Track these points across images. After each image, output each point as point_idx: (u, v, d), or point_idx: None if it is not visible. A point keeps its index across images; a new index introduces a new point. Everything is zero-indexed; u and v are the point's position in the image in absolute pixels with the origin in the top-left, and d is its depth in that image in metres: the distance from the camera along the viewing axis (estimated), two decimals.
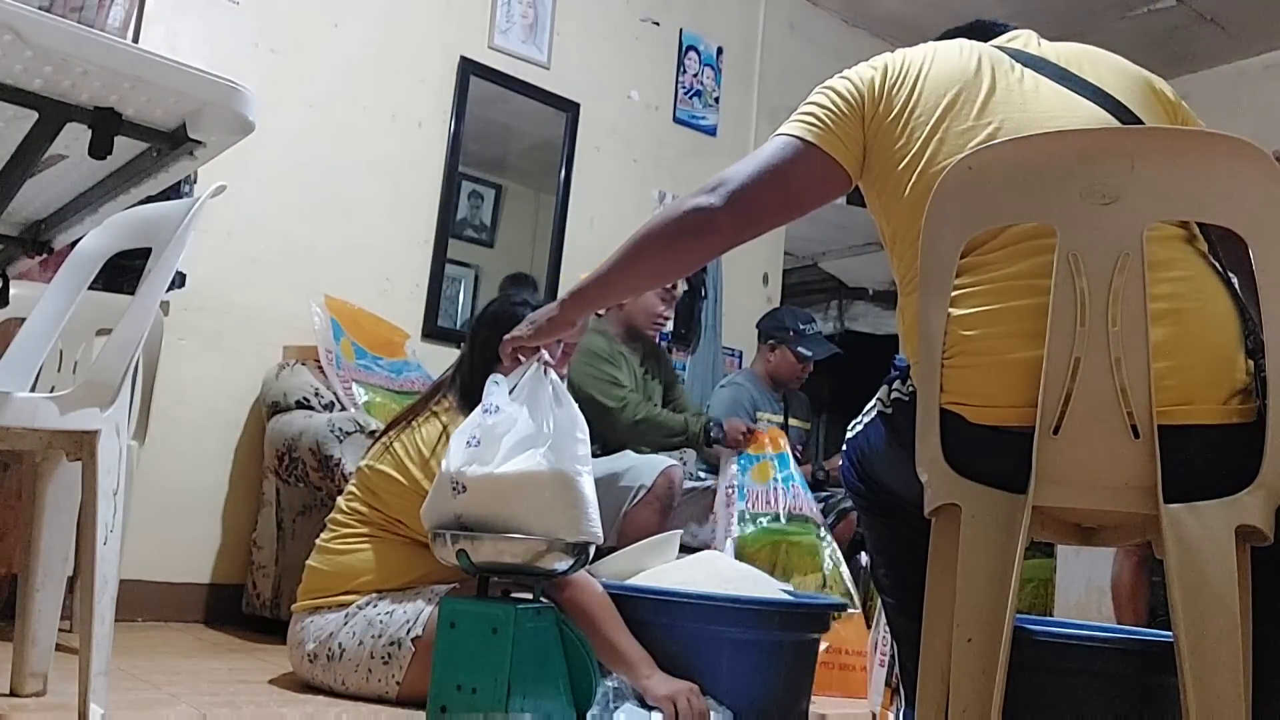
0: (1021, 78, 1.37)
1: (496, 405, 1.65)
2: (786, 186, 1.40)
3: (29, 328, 1.80)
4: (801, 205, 1.43)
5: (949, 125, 1.34)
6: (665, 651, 1.94)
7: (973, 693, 1.15)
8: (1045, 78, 1.37)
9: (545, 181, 3.96)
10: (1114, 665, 1.56)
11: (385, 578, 2.08)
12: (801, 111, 1.43)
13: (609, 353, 3.14)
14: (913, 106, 1.37)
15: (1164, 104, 1.40)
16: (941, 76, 1.38)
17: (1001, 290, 1.23)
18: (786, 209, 1.43)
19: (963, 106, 1.34)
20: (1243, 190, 1.15)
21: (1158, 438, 1.14)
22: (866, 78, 1.42)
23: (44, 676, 1.79)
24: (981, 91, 1.35)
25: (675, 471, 2.93)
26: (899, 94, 1.39)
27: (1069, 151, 1.19)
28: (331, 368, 2.99)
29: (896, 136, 1.37)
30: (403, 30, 3.55)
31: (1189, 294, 1.19)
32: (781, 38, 4.59)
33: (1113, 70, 1.40)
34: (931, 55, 1.42)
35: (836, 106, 1.40)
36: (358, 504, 2.15)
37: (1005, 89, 1.35)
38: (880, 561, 1.60)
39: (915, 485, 1.27)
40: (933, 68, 1.39)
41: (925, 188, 1.29)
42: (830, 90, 1.43)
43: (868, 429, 1.49)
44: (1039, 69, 1.38)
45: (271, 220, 3.23)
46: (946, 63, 1.40)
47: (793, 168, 1.39)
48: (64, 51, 1.05)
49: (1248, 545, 1.13)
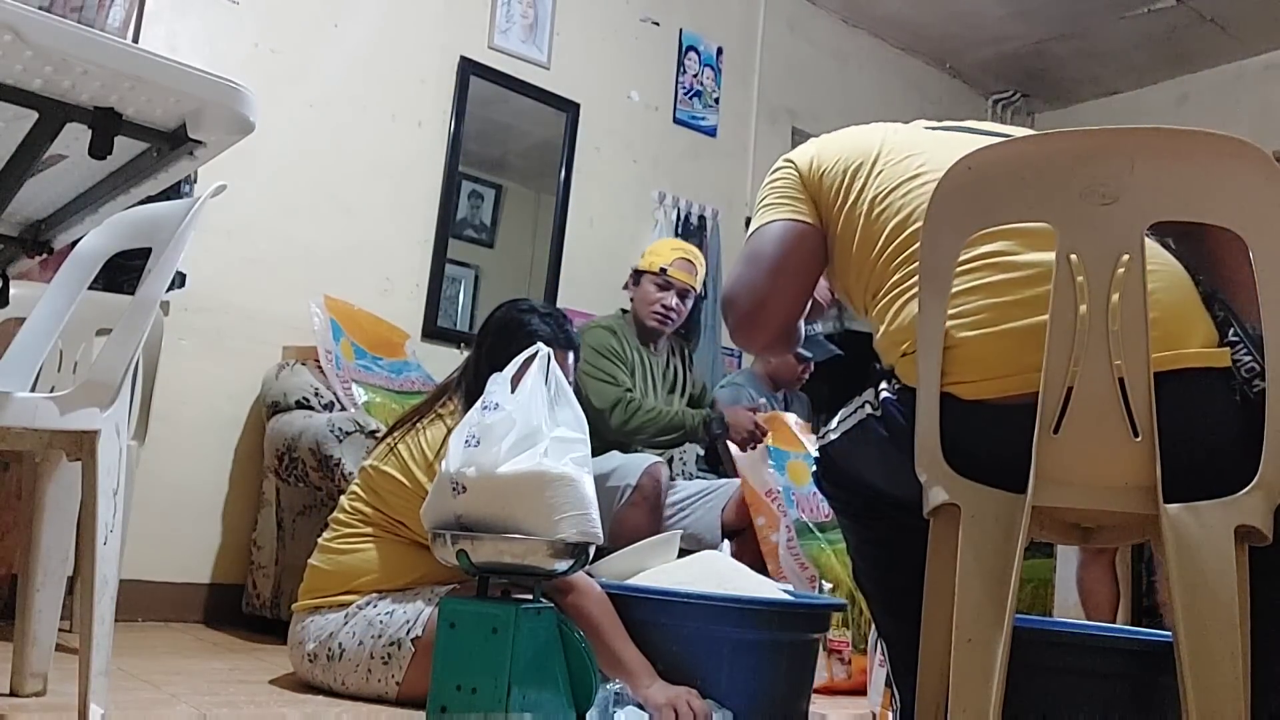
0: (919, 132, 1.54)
1: (497, 402, 1.65)
2: (785, 270, 1.54)
3: (29, 328, 1.80)
4: (806, 288, 1.58)
5: (882, 171, 1.47)
6: (665, 651, 1.94)
7: (972, 693, 1.15)
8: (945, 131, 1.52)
9: (545, 181, 3.96)
10: (1114, 665, 1.56)
11: (386, 578, 2.08)
12: (762, 205, 1.58)
13: (610, 349, 3.09)
14: (844, 179, 1.52)
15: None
16: (849, 148, 1.54)
17: (1003, 283, 1.27)
18: (798, 294, 1.58)
19: (888, 155, 1.49)
20: (1243, 190, 1.15)
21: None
22: (793, 173, 1.58)
23: (44, 676, 1.79)
24: (896, 143, 1.50)
25: (658, 469, 2.86)
26: (824, 172, 1.54)
27: (1069, 152, 1.20)
28: (331, 368, 2.99)
29: (836, 199, 1.52)
30: (403, 30, 3.55)
31: (1162, 286, 1.23)
32: (781, 38, 4.60)
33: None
34: (833, 142, 1.59)
35: (788, 188, 1.56)
36: (360, 504, 2.15)
37: (910, 139, 1.51)
38: (862, 566, 1.60)
39: (909, 486, 1.27)
40: (837, 146, 1.57)
41: (880, 212, 1.44)
42: (775, 181, 1.60)
43: (852, 432, 1.46)
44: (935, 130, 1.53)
45: (271, 220, 3.23)
46: (849, 139, 1.57)
47: (783, 251, 1.54)
48: (64, 51, 1.05)
49: (1247, 545, 1.13)
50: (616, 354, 3.11)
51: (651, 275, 3.20)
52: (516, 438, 1.63)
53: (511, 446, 1.62)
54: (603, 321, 3.23)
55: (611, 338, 3.13)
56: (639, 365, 3.17)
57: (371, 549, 2.10)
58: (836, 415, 1.50)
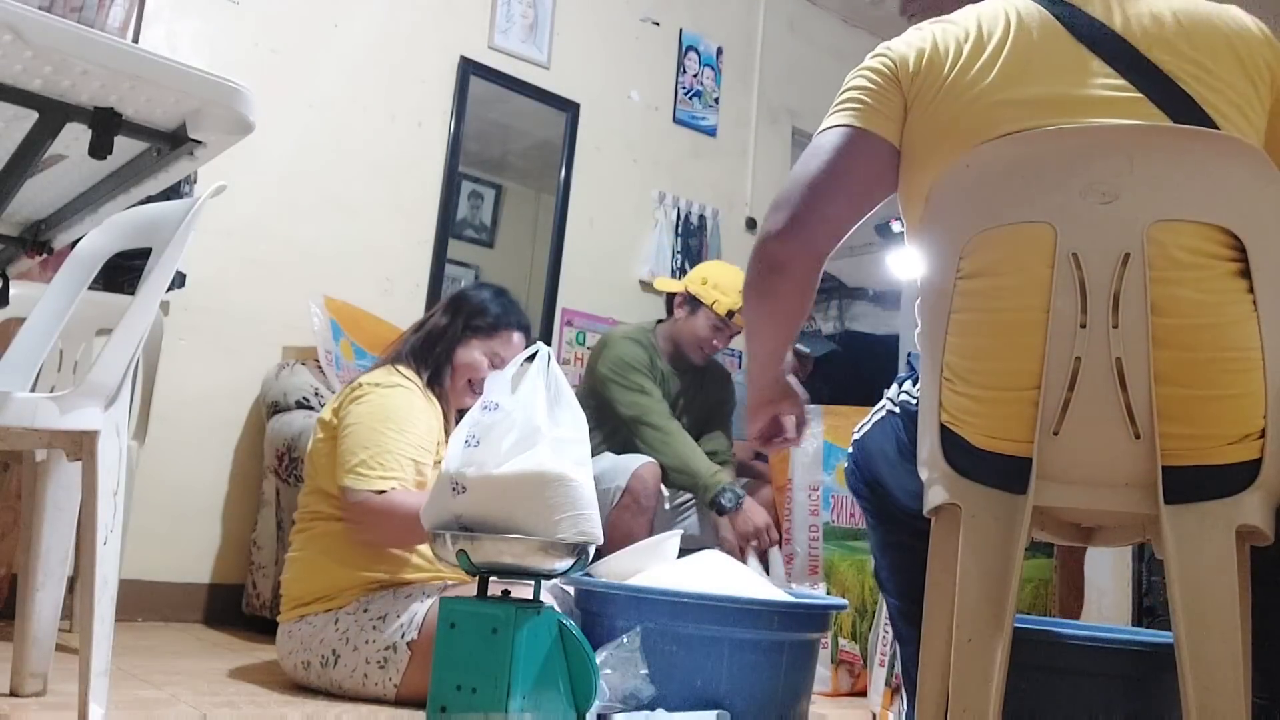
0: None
1: (496, 402, 1.65)
2: (849, 185, 1.34)
3: (29, 328, 1.80)
4: (872, 199, 1.37)
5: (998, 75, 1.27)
6: (665, 651, 1.94)
7: (973, 693, 1.15)
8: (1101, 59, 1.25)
9: (545, 181, 3.96)
10: (1114, 665, 1.56)
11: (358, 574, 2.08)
12: (842, 99, 1.37)
13: (640, 362, 3.06)
14: (962, 66, 1.29)
15: (1251, 74, 1.26)
16: (987, 40, 1.28)
17: (1007, 325, 1.20)
18: (856, 208, 1.36)
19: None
20: (1242, 190, 1.14)
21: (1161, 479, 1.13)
22: (901, 55, 1.34)
23: (44, 676, 1.79)
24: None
25: (648, 470, 2.83)
26: (946, 62, 1.30)
27: (1068, 150, 1.19)
28: (331, 368, 2.99)
29: (945, 82, 1.29)
30: (403, 30, 3.55)
31: (1205, 311, 1.13)
32: (781, 38, 4.59)
33: (1196, 45, 1.25)
34: (975, 25, 1.32)
35: (875, 84, 1.34)
36: (309, 503, 2.18)
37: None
38: (884, 563, 1.60)
39: (915, 487, 1.27)
40: (977, 37, 1.30)
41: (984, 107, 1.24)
42: (867, 71, 1.37)
43: (875, 429, 1.49)
44: (1098, 47, 1.26)
45: (271, 220, 3.23)
46: (990, 27, 1.30)
47: (849, 161, 1.33)
48: (64, 51, 1.05)
49: (1248, 545, 1.13)
50: (644, 369, 3.06)
51: (713, 314, 3.09)
52: (516, 438, 1.62)
53: (511, 446, 1.62)
54: (632, 334, 3.15)
55: (639, 351, 3.08)
56: (663, 385, 3.14)
57: (326, 543, 2.11)
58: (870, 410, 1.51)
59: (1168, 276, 1.14)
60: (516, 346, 2.34)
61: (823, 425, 2.94)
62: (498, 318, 2.35)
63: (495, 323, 2.35)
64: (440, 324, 2.34)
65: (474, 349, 2.32)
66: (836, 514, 2.86)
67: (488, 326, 2.34)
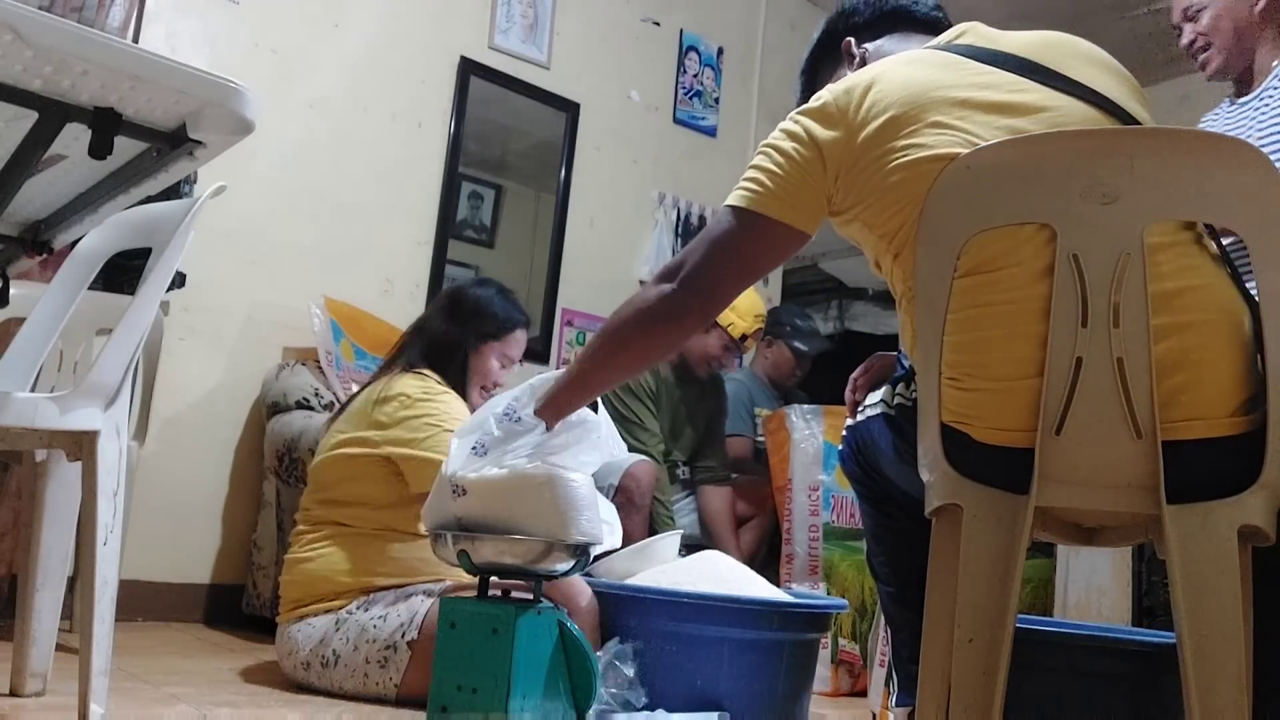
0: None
1: (519, 416, 1.63)
2: (737, 258, 1.38)
3: (29, 328, 1.80)
4: (756, 271, 1.43)
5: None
6: (665, 651, 1.94)
7: (973, 693, 1.15)
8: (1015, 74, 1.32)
9: (545, 182, 3.96)
10: (1114, 665, 1.56)
11: (361, 577, 2.09)
12: (745, 178, 1.38)
13: (645, 389, 3.08)
14: (882, 127, 1.29)
15: (1139, 96, 1.36)
16: (910, 89, 1.30)
17: (1006, 315, 1.20)
18: (743, 277, 1.42)
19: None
20: (1242, 190, 1.15)
21: (1161, 448, 1.13)
22: (813, 130, 1.33)
23: (44, 676, 1.79)
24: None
25: (640, 469, 2.83)
26: (863, 120, 1.30)
27: (1068, 151, 1.19)
28: (331, 369, 2.99)
29: (877, 155, 1.29)
30: (403, 30, 3.55)
31: (1196, 306, 1.17)
32: (781, 38, 4.59)
33: (1085, 63, 1.36)
34: (884, 76, 1.33)
35: (781, 168, 1.34)
36: (312, 506, 2.19)
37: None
38: (878, 550, 1.60)
39: (918, 484, 1.27)
40: (892, 89, 1.31)
41: (925, 174, 1.25)
42: (773, 150, 1.36)
43: (870, 422, 1.49)
44: (1006, 66, 1.33)
45: (271, 220, 3.22)
46: (907, 79, 1.32)
47: (741, 241, 1.37)
48: (64, 51, 1.05)
49: (1250, 545, 1.13)
50: (647, 393, 3.08)
51: (727, 335, 3.15)
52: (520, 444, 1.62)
53: (513, 451, 1.62)
54: None
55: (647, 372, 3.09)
56: (665, 397, 3.15)
57: (333, 551, 2.12)
58: (869, 397, 1.52)
59: (1165, 288, 1.15)
60: (521, 342, 2.41)
61: (823, 425, 2.95)
62: (504, 321, 2.38)
63: (502, 326, 2.38)
64: (446, 330, 2.35)
65: (487, 356, 2.36)
66: (836, 514, 2.86)
67: (497, 331, 2.37)
